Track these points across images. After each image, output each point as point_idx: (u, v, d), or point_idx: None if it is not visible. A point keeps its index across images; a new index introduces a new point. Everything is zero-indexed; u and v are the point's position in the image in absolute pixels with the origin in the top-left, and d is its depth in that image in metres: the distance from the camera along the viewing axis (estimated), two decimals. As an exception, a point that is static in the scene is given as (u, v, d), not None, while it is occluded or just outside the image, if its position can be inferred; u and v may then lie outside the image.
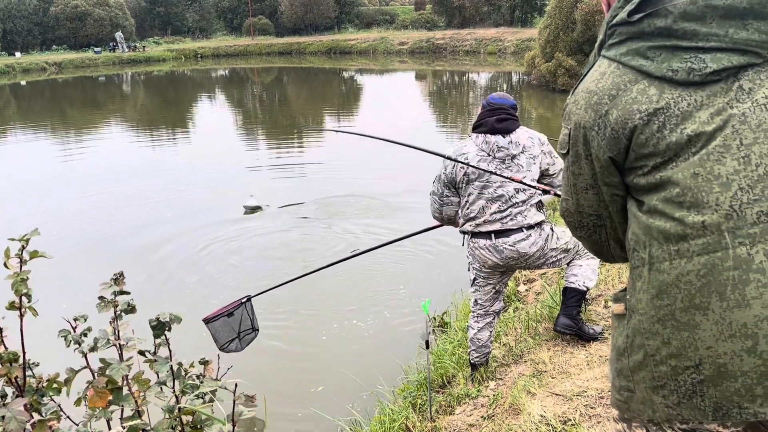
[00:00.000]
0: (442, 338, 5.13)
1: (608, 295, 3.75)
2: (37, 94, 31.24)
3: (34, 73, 37.00)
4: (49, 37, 45.76)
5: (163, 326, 1.60)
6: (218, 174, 12.24)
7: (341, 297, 6.38)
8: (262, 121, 21.40)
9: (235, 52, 47.74)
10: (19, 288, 1.25)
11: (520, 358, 3.44)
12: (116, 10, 47.01)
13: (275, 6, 53.59)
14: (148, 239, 8.35)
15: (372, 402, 4.27)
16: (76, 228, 8.89)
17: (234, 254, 7.70)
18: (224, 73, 39.84)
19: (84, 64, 40.31)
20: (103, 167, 13.19)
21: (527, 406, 2.73)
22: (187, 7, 55.85)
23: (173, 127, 19.66)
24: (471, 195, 3.29)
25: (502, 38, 44.50)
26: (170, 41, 50.30)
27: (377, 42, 47.74)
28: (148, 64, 42.26)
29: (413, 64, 41.61)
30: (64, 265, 7.06)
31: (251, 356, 5.30)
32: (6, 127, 20.28)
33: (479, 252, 3.34)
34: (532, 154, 3.29)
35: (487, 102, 3.40)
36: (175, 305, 6.17)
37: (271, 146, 16.09)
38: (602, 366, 2.96)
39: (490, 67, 39.13)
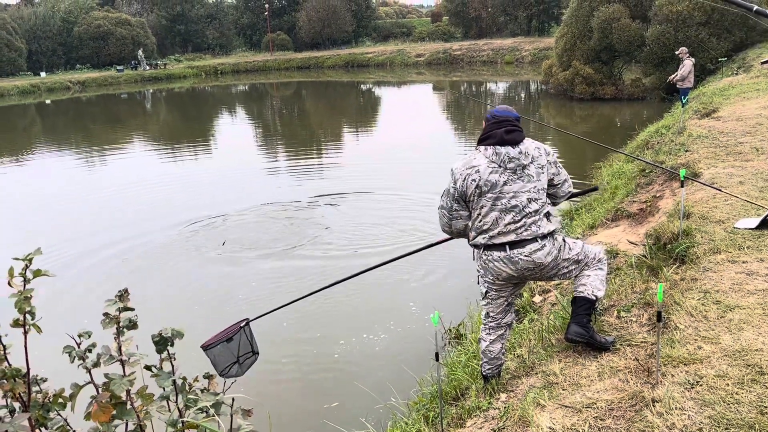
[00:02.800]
0: (456, 350, 5.12)
1: (621, 305, 3.72)
2: (62, 112, 31.87)
3: (59, 92, 37.74)
4: (73, 56, 46.72)
5: (165, 341, 1.63)
6: (241, 184, 12.40)
7: (352, 311, 6.42)
8: (281, 134, 21.60)
9: (255, 68, 48.29)
10: (22, 306, 1.30)
11: (531, 369, 3.43)
12: (138, 29, 47.86)
13: (293, 22, 54.18)
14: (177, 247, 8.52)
15: (386, 415, 4.28)
16: (101, 239, 9.05)
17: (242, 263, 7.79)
18: (244, 88, 40.27)
19: (107, 82, 41.06)
20: (126, 181, 13.42)
21: (536, 418, 2.72)
22: (207, 24, 56.69)
23: (195, 142, 19.91)
24: (484, 207, 3.27)
25: (519, 48, 44.49)
26: (191, 58, 51.06)
27: (394, 54, 47.99)
28: (170, 81, 42.90)
29: (430, 75, 41.72)
30: (82, 278, 7.19)
31: (265, 374, 5.36)
32: (32, 145, 20.71)
33: (493, 264, 3.32)
34: (540, 164, 3.29)
35: (491, 115, 3.40)
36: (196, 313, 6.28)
37: (290, 157, 16.22)
38: (613, 377, 2.94)
39: (507, 76, 39.12)
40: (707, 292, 3.42)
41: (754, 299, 3.24)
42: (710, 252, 3.92)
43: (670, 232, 4.43)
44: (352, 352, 5.57)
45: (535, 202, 3.27)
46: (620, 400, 2.74)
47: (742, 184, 5.40)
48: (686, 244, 4.07)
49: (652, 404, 2.56)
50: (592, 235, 6.58)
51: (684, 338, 3.02)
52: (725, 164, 6.12)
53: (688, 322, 3.17)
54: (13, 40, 41.85)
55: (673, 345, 2.97)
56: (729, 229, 4.25)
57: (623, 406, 2.69)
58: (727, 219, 4.47)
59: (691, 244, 4.08)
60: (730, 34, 19.73)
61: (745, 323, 3.02)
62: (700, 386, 2.60)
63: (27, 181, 14.77)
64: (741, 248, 3.90)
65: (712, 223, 4.44)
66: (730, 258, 3.79)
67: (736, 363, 2.71)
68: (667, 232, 4.45)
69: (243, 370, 4.01)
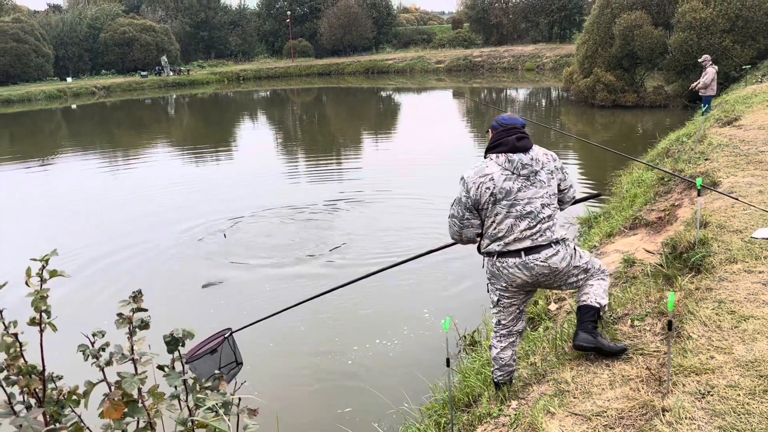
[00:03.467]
0: (471, 357, 5.12)
1: (635, 314, 3.71)
2: (87, 116, 32.40)
3: (84, 97, 38.38)
4: (99, 62, 47.51)
5: (177, 342, 1.68)
6: (260, 188, 12.52)
7: (366, 317, 6.46)
8: (301, 140, 21.76)
9: (276, 74, 48.69)
10: (38, 305, 1.35)
11: (543, 377, 3.43)
12: (162, 36, 48.52)
13: (315, 28, 54.56)
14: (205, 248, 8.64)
15: (398, 421, 4.30)
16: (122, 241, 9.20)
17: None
18: (265, 94, 40.61)
19: (131, 87, 41.68)
20: (147, 184, 13.62)
21: (546, 426, 2.73)
22: (230, 31, 57.30)
23: (216, 147, 20.13)
24: (498, 215, 3.28)
25: (540, 54, 44.33)
26: (213, 64, 51.64)
27: (414, 61, 48.09)
28: (192, 87, 43.41)
29: (450, 81, 41.73)
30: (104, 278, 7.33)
31: (280, 378, 5.41)
32: (58, 149, 21.09)
33: (508, 271, 3.33)
34: (549, 170, 3.32)
35: (498, 123, 3.42)
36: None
37: (310, 160, 16.33)
38: (624, 386, 2.93)
39: (528, 83, 38.99)
40: (722, 302, 3.39)
41: (769, 310, 3.22)
42: (726, 261, 3.89)
43: (686, 241, 4.40)
44: (365, 358, 5.60)
45: (548, 207, 3.29)
46: (630, 408, 2.73)
47: (762, 193, 5.34)
48: (702, 254, 4.05)
49: (662, 413, 2.55)
50: (609, 243, 6.55)
51: (697, 348, 3.00)
52: (745, 173, 6.05)
53: (701, 332, 3.15)
54: (41, 46, 42.68)
55: (685, 354, 2.96)
56: (746, 239, 4.22)
57: (633, 415, 2.68)
58: (745, 228, 4.43)
59: (708, 253, 4.05)
60: (755, 42, 19.51)
61: (759, 333, 3.00)
62: (711, 396, 2.59)
63: (51, 183, 15.04)
64: (758, 258, 3.87)
65: (730, 233, 4.41)
66: (746, 268, 3.76)
67: (749, 373, 2.70)
68: (684, 241, 4.42)
69: (227, 381, 3.92)
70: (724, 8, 19.48)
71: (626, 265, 5.28)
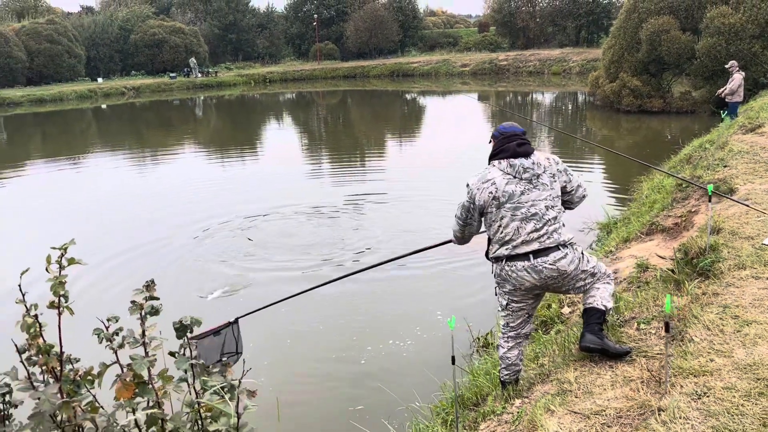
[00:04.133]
0: (483, 358, 5.19)
1: (641, 318, 3.75)
2: (116, 116, 33.02)
3: (114, 97, 39.10)
4: (129, 63, 48.36)
5: (185, 328, 1.80)
6: (284, 187, 12.73)
7: (380, 318, 6.56)
8: (326, 141, 21.96)
9: (302, 77, 49.08)
10: (57, 290, 1.48)
11: (547, 377, 3.49)
12: (191, 38, 49.22)
13: (341, 32, 54.87)
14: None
15: (408, 418, 4.38)
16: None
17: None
18: (291, 96, 40.98)
19: (160, 88, 42.35)
20: (173, 183, 13.93)
21: (545, 422, 2.80)
22: (257, 34, 57.91)
23: (243, 148, 20.44)
24: (504, 218, 3.36)
25: (566, 59, 44.05)
26: (241, 66, 52.21)
27: (439, 64, 48.12)
28: (220, 89, 43.95)
29: (475, 85, 41.67)
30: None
31: (294, 376, 5.54)
32: (88, 148, 21.57)
33: (516, 275, 3.39)
34: (551, 173, 3.40)
35: (499, 132, 3.54)
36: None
37: (334, 161, 16.50)
38: (624, 387, 2.99)
39: (554, 87, 38.78)
40: (727, 307, 3.43)
41: (773, 315, 3.25)
42: (735, 267, 3.92)
43: (697, 246, 4.42)
44: (378, 358, 5.70)
45: (553, 209, 3.37)
46: (629, 408, 2.79)
47: (779, 200, 5.33)
48: (711, 259, 4.08)
49: (658, 413, 2.61)
50: (625, 248, 6.56)
51: (698, 351, 3.05)
52: (763, 180, 6.03)
53: (703, 335, 3.19)
54: (74, 47, 43.60)
55: (685, 357, 3.01)
56: (757, 246, 4.23)
57: (631, 414, 2.74)
58: (757, 235, 4.44)
59: (717, 259, 4.08)
60: (785, 47, 19.22)
61: (761, 338, 3.04)
62: (707, 397, 2.64)
63: (81, 181, 15.40)
64: (767, 265, 3.88)
65: (741, 239, 4.42)
66: (754, 274, 3.78)
67: (746, 376, 2.74)
68: (695, 246, 4.45)
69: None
70: (754, 14, 19.23)
71: (639, 270, 5.30)
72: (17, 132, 27.19)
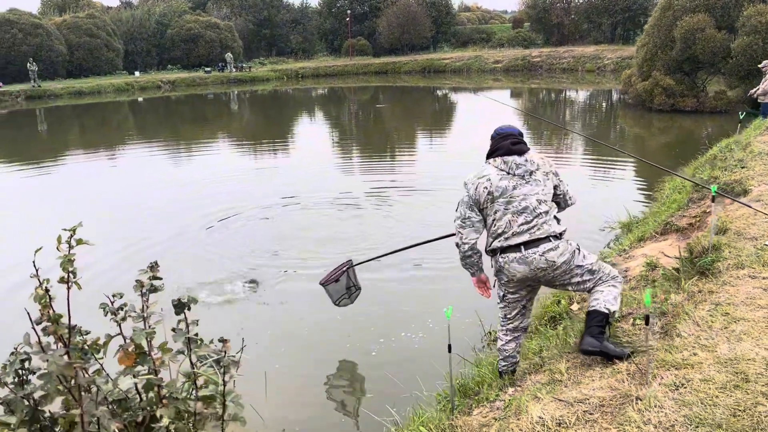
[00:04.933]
0: (494, 353, 5.33)
1: (638, 314, 3.85)
2: (153, 109, 33.75)
3: (150, 91, 39.93)
4: (165, 57, 49.27)
5: (183, 305, 1.99)
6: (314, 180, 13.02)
7: (393, 311, 6.71)
8: (356, 137, 22.20)
9: (334, 72, 49.39)
10: (66, 266, 1.68)
11: (540, 367, 3.63)
12: (226, 33, 49.92)
13: (374, 27, 55.02)
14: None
15: (412, 404, 4.55)
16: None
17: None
18: (323, 91, 41.32)
19: (195, 82, 43.08)
20: (205, 174, 14.32)
21: (530, 408, 2.94)
22: (291, 29, 58.42)
23: (275, 142, 20.80)
24: (497, 212, 3.53)
25: (601, 56, 43.51)
26: (274, 62, 52.76)
27: (471, 60, 47.93)
28: (253, 84, 44.53)
29: (507, 82, 41.45)
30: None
31: (307, 364, 5.74)
32: (124, 140, 22.18)
33: (508, 266, 3.55)
34: (545, 171, 3.56)
35: (496, 133, 3.73)
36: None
37: (364, 155, 16.72)
38: (611, 378, 3.10)
39: (587, 85, 38.36)
40: (719, 304, 3.52)
41: (762, 313, 3.33)
42: (734, 267, 3.99)
43: (701, 246, 4.49)
44: (389, 349, 5.87)
45: (544, 203, 3.51)
46: (612, 397, 2.92)
47: (791, 202, 5.35)
48: (712, 258, 4.15)
49: (636, 401, 2.73)
50: (639, 247, 6.62)
51: (683, 345, 3.15)
52: (778, 182, 6.04)
53: (692, 331, 3.29)
54: (112, 41, 44.63)
55: (671, 351, 3.12)
56: (760, 246, 4.29)
57: (613, 403, 2.87)
58: (761, 236, 4.49)
59: (717, 258, 4.15)
60: (824, 47, 18.78)
61: (746, 334, 3.13)
62: (684, 388, 2.75)
63: (116, 171, 15.90)
64: (765, 265, 3.95)
65: (746, 240, 4.48)
66: (751, 273, 3.85)
67: (726, 370, 2.84)
68: (699, 246, 4.51)
69: (352, 301, 5.70)
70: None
71: (648, 268, 5.38)
72: (57, 123, 28.02)
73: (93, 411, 1.59)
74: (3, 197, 13.00)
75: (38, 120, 29.49)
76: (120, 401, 1.84)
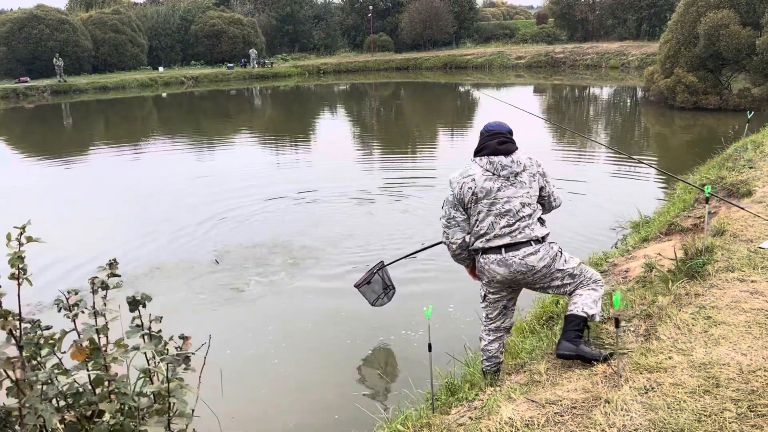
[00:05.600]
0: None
1: (624, 316, 3.83)
2: (176, 105, 34.13)
3: (174, 86, 40.39)
4: (189, 53, 49.79)
5: (137, 303, 2.04)
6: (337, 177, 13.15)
7: (396, 311, 6.70)
8: (377, 132, 22.24)
9: (355, 68, 49.45)
10: (15, 263, 1.74)
11: (521, 368, 3.63)
12: (249, 29, 50.27)
13: (396, 23, 54.94)
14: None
15: (402, 402, 4.58)
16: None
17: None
18: (345, 87, 41.40)
19: (218, 78, 43.47)
20: (225, 169, 14.52)
21: (501, 409, 2.95)
22: (314, 25, 58.61)
23: (297, 137, 20.95)
24: (480, 213, 3.52)
25: (625, 52, 42.92)
26: (296, 57, 52.97)
27: (494, 56, 47.61)
28: (275, 79, 44.77)
29: (530, 78, 41.13)
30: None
31: (306, 364, 5.79)
32: (149, 134, 22.51)
33: (489, 267, 3.55)
34: (531, 173, 3.52)
35: (485, 129, 3.67)
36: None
37: (385, 153, 16.75)
38: (587, 380, 3.09)
39: (611, 81, 37.91)
40: (703, 308, 3.48)
41: (744, 317, 3.29)
42: (724, 270, 3.94)
43: (694, 248, 4.44)
44: (388, 347, 5.90)
45: (528, 206, 3.49)
46: (584, 400, 2.91)
47: (793, 204, 5.25)
48: (703, 261, 4.10)
49: (604, 404, 2.73)
50: (642, 248, 6.55)
51: (660, 348, 3.13)
52: (784, 183, 5.93)
53: (671, 334, 3.27)
54: (137, 36, 45.25)
55: (646, 354, 3.10)
56: (753, 249, 4.23)
57: (585, 405, 2.86)
58: (757, 238, 4.43)
59: (708, 261, 4.10)
60: None
61: (724, 339, 3.09)
62: (654, 392, 2.73)
63: (141, 166, 16.14)
64: (756, 268, 3.89)
65: (741, 242, 4.42)
66: (740, 277, 3.80)
67: (698, 374, 2.82)
68: (692, 248, 4.46)
69: (389, 299, 5.74)
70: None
71: (647, 269, 5.33)
72: (83, 118, 28.51)
73: (37, 405, 1.64)
74: (28, 190, 13.26)
75: (64, 114, 30.02)
76: (74, 395, 1.89)
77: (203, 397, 2.17)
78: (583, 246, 7.84)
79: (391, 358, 5.69)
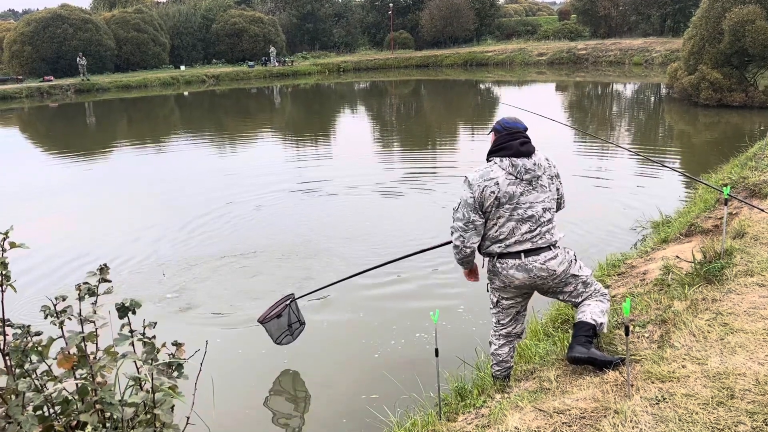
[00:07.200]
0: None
1: (638, 321, 3.72)
2: (197, 103, 34.36)
3: (195, 85, 40.67)
4: (210, 51, 50.06)
5: (126, 309, 2.00)
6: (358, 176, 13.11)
7: (406, 313, 6.64)
8: (398, 130, 22.16)
9: (375, 66, 49.35)
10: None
11: (531, 374, 3.54)
12: (269, 27, 50.41)
13: (416, 20, 54.72)
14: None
15: (412, 406, 4.51)
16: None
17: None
18: (365, 85, 41.35)
19: (238, 77, 43.68)
20: (247, 166, 14.62)
21: (508, 418, 2.87)
22: (334, 23, 58.61)
23: (317, 135, 20.97)
24: (501, 218, 3.38)
25: (649, 48, 42.29)
26: (316, 56, 53.02)
27: (515, 53, 47.20)
28: (295, 78, 44.87)
29: (552, 75, 40.70)
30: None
31: (321, 367, 5.74)
32: (171, 132, 22.68)
33: (506, 272, 3.44)
34: (550, 175, 3.41)
35: (501, 126, 3.48)
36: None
37: (405, 151, 16.68)
38: (597, 388, 3.00)
39: (634, 78, 37.38)
40: (720, 314, 3.36)
41: (762, 324, 3.16)
42: (743, 274, 3.81)
43: (713, 251, 4.31)
44: (400, 350, 5.83)
45: (549, 211, 3.39)
46: (593, 409, 2.82)
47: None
48: (721, 264, 3.97)
49: (613, 415, 2.63)
50: (661, 249, 6.40)
51: (673, 356, 3.02)
52: (808, 183, 5.74)
53: (686, 341, 3.16)
54: (159, 35, 45.59)
55: (659, 362, 2.99)
56: (774, 252, 4.09)
57: (594, 416, 2.77)
58: (779, 241, 4.28)
59: (727, 264, 3.97)
60: None
61: (741, 347, 2.98)
62: (666, 403, 2.63)
63: (163, 164, 16.27)
64: (777, 273, 3.76)
65: (761, 245, 4.27)
66: (760, 281, 3.67)
67: (712, 384, 2.71)
68: (711, 251, 4.33)
69: (294, 338, 5.10)
70: None
71: (665, 272, 5.19)
72: (105, 117, 28.81)
73: (18, 416, 1.61)
74: (56, 187, 13.41)
75: (87, 113, 30.37)
76: (61, 404, 1.86)
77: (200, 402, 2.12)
78: (602, 243, 7.78)
79: (404, 361, 5.61)
